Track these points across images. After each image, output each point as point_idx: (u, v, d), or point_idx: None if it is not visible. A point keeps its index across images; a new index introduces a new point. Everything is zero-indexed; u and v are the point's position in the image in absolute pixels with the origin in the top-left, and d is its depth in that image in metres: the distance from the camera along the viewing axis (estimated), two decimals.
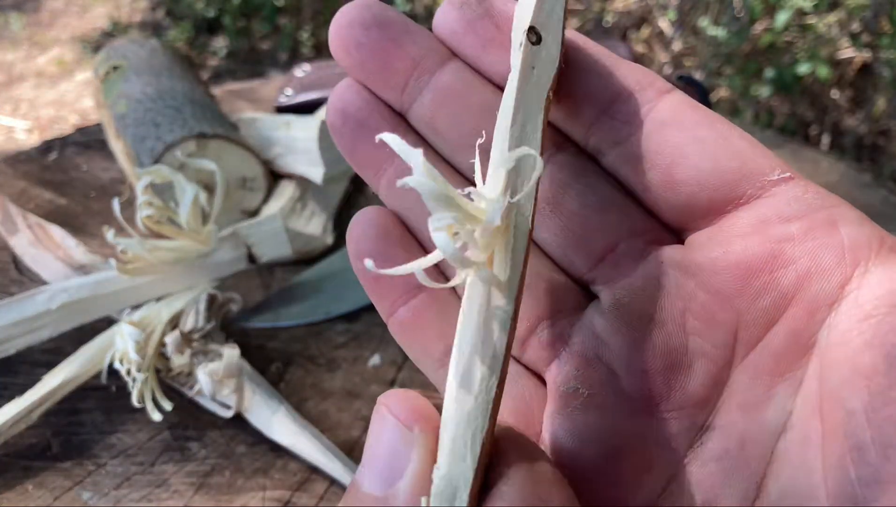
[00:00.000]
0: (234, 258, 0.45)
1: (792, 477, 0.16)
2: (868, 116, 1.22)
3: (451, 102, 0.19)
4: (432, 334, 0.19)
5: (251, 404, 0.39)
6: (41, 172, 0.58)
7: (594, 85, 0.19)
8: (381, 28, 0.19)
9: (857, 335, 0.15)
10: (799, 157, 0.68)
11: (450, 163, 0.20)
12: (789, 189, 0.17)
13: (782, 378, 0.17)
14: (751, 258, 0.17)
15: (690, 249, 0.18)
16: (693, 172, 0.18)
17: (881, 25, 1.18)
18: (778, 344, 0.17)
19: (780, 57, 1.26)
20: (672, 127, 0.18)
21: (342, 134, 0.20)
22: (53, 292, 0.41)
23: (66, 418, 0.39)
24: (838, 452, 0.15)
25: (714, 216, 0.18)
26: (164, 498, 0.35)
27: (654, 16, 1.47)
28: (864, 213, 0.18)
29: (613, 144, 0.18)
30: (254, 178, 0.52)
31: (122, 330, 0.39)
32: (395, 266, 0.19)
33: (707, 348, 0.17)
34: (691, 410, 0.17)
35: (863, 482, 0.14)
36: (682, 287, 0.18)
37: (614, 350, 0.18)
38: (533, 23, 0.18)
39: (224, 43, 1.68)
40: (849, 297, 0.16)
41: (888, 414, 0.14)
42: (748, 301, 0.17)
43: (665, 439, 0.17)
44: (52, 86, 1.62)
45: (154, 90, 0.54)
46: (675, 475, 0.17)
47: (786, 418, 0.16)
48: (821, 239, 0.16)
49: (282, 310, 0.47)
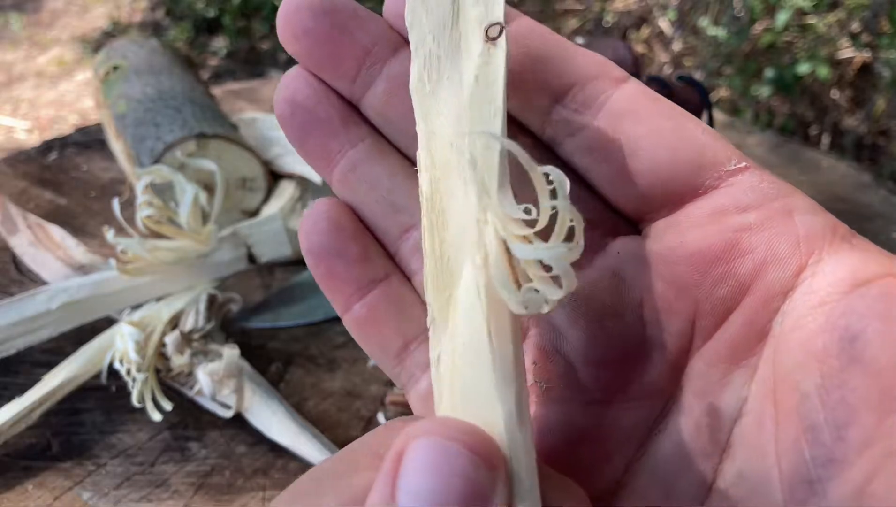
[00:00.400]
0: (234, 258, 0.45)
1: (747, 460, 0.16)
2: (868, 116, 1.22)
3: (404, 91, 0.19)
4: (389, 329, 0.19)
5: (251, 404, 0.39)
6: (41, 172, 0.58)
7: (549, 73, 0.18)
8: (330, 15, 0.18)
9: (811, 321, 0.15)
10: (799, 157, 0.68)
11: (405, 154, 0.20)
12: (745, 179, 0.17)
13: (738, 366, 0.17)
14: (708, 248, 0.17)
15: (648, 240, 0.18)
16: (650, 163, 0.17)
17: (881, 25, 1.18)
18: (734, 332, 0.17)
19: (780, 57, 1.26)
20: (628, 117, 0.18)
21: (291, 125, 0.19)
22: (53, 292, 0.41)
23: (66, 419, 0.39)
24: (793, 434, 0.15)
25: (671, 207, 0.18)
26: (164, 498, 0.35)
27: (654, 16, 1.47)
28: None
29: (569, 134, 0.18)
30: (254, 178, 0.52)
31: (122, 330, 0.39)
32: (348, 260, 0.18)
33: (665, 337, 0.17)
34: (649, 399, 0.18)
35: (817, 463, 0.14)
36: (640, 278, 0.18)
37: (572, 342, 0.18)
38: (496, 20, 0.17)
39: (224, 43, 1.68)
40: (803, 285, 0.16)
41: (840, 395, 0.14)
42: (706, 291, 0.17)
43: (623, 428, 0.18)
44: (52, 86, 1.62)
45: (154, 90, 0.54)
46: (633, 463, 0.18)
47: (741, 404, 0.17)
48: (777, 228, 0.17)
49: (282, 310, 0.47)
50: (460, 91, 0.18)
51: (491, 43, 0.17)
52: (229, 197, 0.50)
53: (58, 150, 0.61)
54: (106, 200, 0.55)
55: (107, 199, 0.55)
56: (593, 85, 0.18)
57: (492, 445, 0.13)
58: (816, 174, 0.65)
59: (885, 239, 0.56)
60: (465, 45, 0.18)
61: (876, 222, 0.58)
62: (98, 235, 0.51)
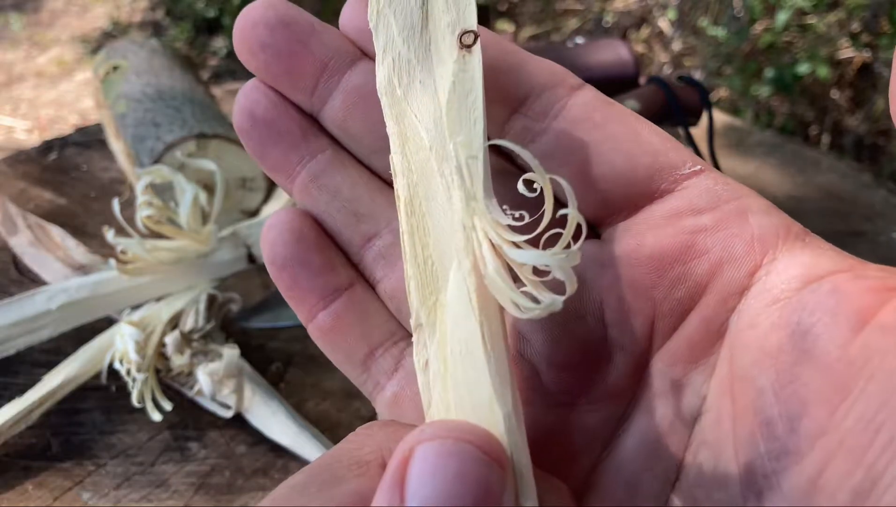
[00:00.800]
0: (234, 258, 0.45)
1: (707, 457, 0.16)
2: (868, 116, 1.22)
3: (363, 103, 0.19)
4: (354, 337, 0.19)
5: (251, 404, 0.39)
6: (41, 172, 0.58)
7: (504, 82, 0.19)
8: (286, 29, 0.18)
9: (765, 318, 0.16)
10: (799, 157, 0.68)
11: (366, 165, 0.20)
12: (700, 182, 0.18)
13: (697, 364, 0.17)
14: (665, 250, 0.17)
15: (607, 244, 0.18)
16: (606, 168, 0.18)
17: (881, 25, 1.18)
18: (692, 332, 0.17)
19: (780, 57, 1.26)
20: (584, 124, 0.18)
21: (251, 136, 0.19)
22: (53, 292, 0.41)
23: (66, 418, 0.39)
24: (748, 429, 0.15)
25: (629, 210, 0.18)
26: (164, 498, 0.35)
27: (654, 16, 1.47)
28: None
29: (527, 142, 0.19)
30: (254, 178, 0.52)
31: (122, 330, 0.39)
32: (311, 270, 0.19)
33: (626, 339, 0.18)
34: (613, 400, 0.18)
35: (771, 456, 0.15)
36: (600, 281, 0.18)
37: (535, 346, 0.18)
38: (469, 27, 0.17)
39: (224, 43, 1.68)
40: (758, 283, 0.16)
41: (793, 389, 0.15)
42: (664, 292, 0.17)
43: (587, 429, 0.18)
44: (52, 86, 1.62)
45: (154, 90, 0.54)
46: (598, 463, 0.18)
47: (701, 403, 0.17)
48: (731, 229, 0.17)
49: (282, 310, 0.47)
50: (436, 97, 0.18)
51: (466, 50, 0.17)
52: (229, 197, 0.50)
53: (58, 150, 0.61)
54: (106, 200, 0.55)
55: (107, 199, 0.55)
56: (549, 93, 0.18)
57: (499, 445, 0.13)
58: (816, 174, 0.65)
59: (885, 239, 0.56)
60: (437, 49, 0.18)
61: (876, 222, 0.58)
62: (98, 235, 0.51)
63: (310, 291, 0.19)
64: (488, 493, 0.12)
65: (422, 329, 0.16)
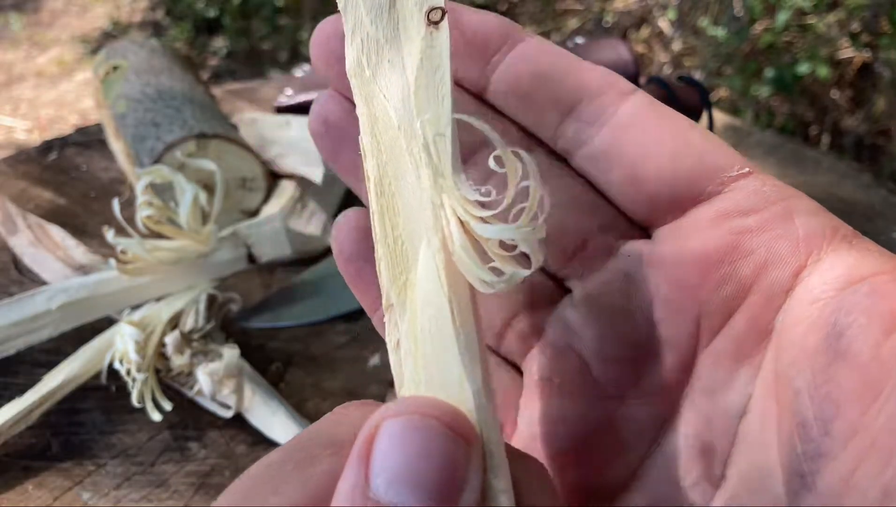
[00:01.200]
0: (234, 258, 0.45)
1: (753, 456, 0.17)
2: (868, 116, 1.23)
3: None
4: None
5: (251, 404, 0.39)
6: (41, 172, 0.58)
7: (557, 88, 0.19)
8: None
9: (806, 318, 0.16)
10: (799, 157, 0.68)
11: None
12: (748, 184, 0.18)
13: (743, 363, 0.17)
14: (711, 250, 0.18)
15: (656, 244, 0.19)
16: (655, 170, 0.18)
17: (881, 25, 1.18)
18: (738, 331, 0.17)
19: (780, 57, 1.26)
20: (634, 128, 0.19)
21: (324, 141, 0.21)
22: (53, 292, 0.41)
23: (66, 418, 0.39)
24: (787, 430, 0.16)
25: (677, 212, 0.19)
26: (164, 498, 0.35)
27: (654, 16, 1.47)
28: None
29: (580, 145, 0.19)
30: (254, 178, 0.52)
31: (122, 330, 0.39)
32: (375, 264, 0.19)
33: (673, 336, 0.18)
34: (660, 395, 0.18)
35: (807, 457, 0.15)
36: (649, 280, 0.18)
37: (585, 341, 0.19)
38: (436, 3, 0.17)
39: (224, 43, 1.68)
40: (802, 283, 0.17)
41: (827, 391, 0.15)
42: (710, 291, 0.18)
43: (636, 423, 0.18)
44: (52, 86, 1.62)
45: (154, 90, 0.54)
46: (645, 457, 0.18)
47: (746, 401, 0.17)
48: (777, 230, 0.17)
49: (282, 310, 0.47)
50: (404, 75, 0.18)
51: (433, 27, 0.17)
52: (229, 197, 0.50)
53: (58, 150, 0.61)
54: (106, 200, 0.55)
55: (107, 199, 0.55)
56: (601, 98, 0.19)
57: (466, 421, 0.13)
58: (816, 174, 0.65)
59: (885, 239, 0.56)
60: (404, 28, 0.18)
61: (876, 222, 0.58)
62: (98, 235, 0.51)
63: (373, 283, 0.20)
64: (454, 468, 0.12)
65: (393, 309, 0.16)
